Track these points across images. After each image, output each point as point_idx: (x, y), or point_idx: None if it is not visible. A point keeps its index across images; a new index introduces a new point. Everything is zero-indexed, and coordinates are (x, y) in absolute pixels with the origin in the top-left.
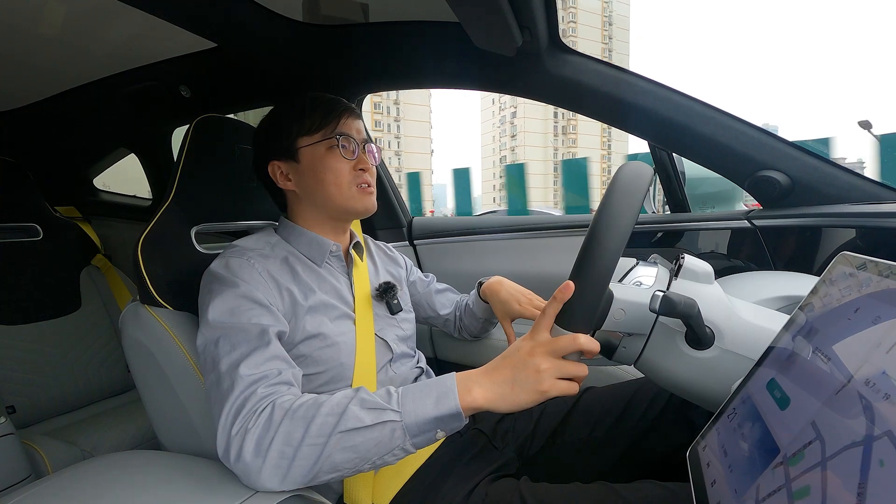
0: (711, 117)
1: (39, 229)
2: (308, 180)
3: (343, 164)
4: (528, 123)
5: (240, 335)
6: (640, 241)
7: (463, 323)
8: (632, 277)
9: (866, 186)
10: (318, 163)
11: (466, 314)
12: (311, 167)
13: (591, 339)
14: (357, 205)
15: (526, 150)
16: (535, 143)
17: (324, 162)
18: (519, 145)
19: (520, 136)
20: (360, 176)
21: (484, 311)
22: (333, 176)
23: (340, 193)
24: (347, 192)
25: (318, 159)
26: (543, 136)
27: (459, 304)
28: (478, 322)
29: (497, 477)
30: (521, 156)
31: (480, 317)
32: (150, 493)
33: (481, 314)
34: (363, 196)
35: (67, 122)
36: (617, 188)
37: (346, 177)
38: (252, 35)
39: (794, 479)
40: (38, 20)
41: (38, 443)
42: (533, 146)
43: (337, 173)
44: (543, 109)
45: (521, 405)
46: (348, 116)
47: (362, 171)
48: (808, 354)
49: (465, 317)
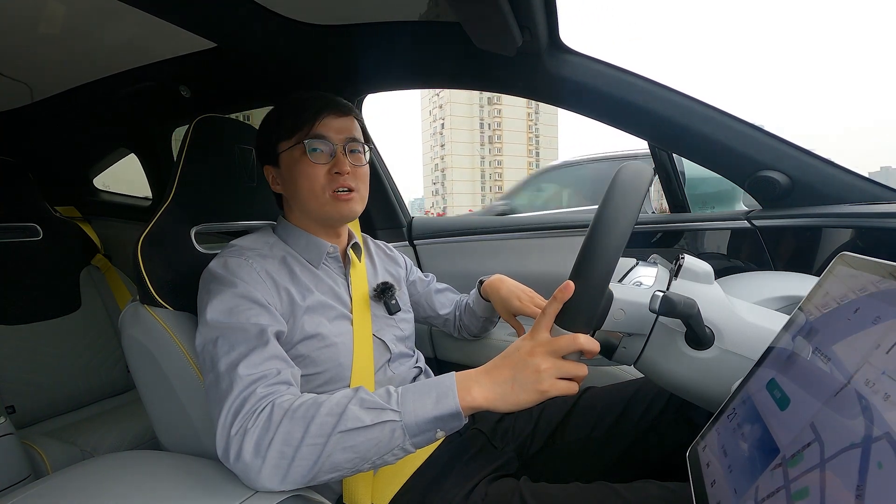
0: (711, 117)
1: (39, 229)
2: (288, 186)
3: (315, 168)
4: (455, 134)
5: (238, 335)
6: (640, 241)
7: (463, 322)
8: (632, 277)
9: (866, 186)
10: (294, 168)
11: (467, 313)
12: (288, 172)
13: (590, 340)
14: (332, 212)
15: (454, 158)
16: (463, 152)
17: (297, 167)
18: (448, 154)
19: (448, 145)
20: (336, 180)
21: (484, 310)
22: (307, 182)
23: (315, 200)
24: (321, 198)
25: (293, 164)
26: (471, 146)
27: (459, 303)
28: (478, 321)
29: (497, 477)
30: (450, 164)
31: (481, 315)
32: (150, 493)
33: (482, 313)
34: (337, 203)
35: (67, 122)
36: (617, 188)
37: (319, 182)
38: (252, 35)
39: (793, 481)
40: (38, 20)
41: (38, 443)
42: (460, 155)
43: (311, 179)
44: (470, 121)
45: (521, 405)
46: (327, 116)
47: (338, 174)
48: (807, 355)
49: (466, 316)
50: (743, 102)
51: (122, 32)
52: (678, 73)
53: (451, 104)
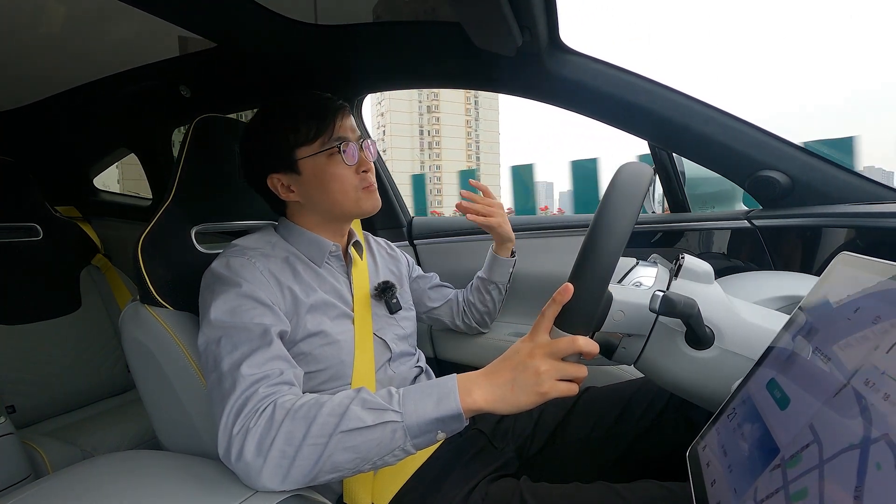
0: (711, 117)
1: (39, 229)
2: (312, 191)
3: (346, 170)
4: (395, 140)
5: (242, 335)
6: (640, 241)
7: (469, 302)
8: (632, 278)
9: (866, 186)
10: (321, 172)
11: (473, 291)
12: (314, 177)
13: (589, 341)
14: (366, 206)
15: (395, 163)
16: (404, 157)
17: (327, 171)
18: (389, 159)
19: (389, 151)
20: (365, 178)
21: (492, 271)
22: (339, 184)
23: (347, 199)
24: (354, 196)
25: (320, 169)
26: (411, 151)
27: (460, 291)
28: (484, 293)
29: (497, 477)
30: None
31: (488, 278)
32: (150, 493)
33: (488, 275)
34: (370, 196)
35: (67, 122)
36: (616, 189)
37: (350, 182)
38: (252, 35)
39: (791, 482)
40: (38, 20)
41: (38, 443)
42: (401, 160)
43: (342, 181)
44: (410, 128)
45: (522, 407)
46: (342, 117)
47: (365, 172)
48: (807, 354)
49: (473, 293)
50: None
51: (122, 32)
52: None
53: (391, 112)
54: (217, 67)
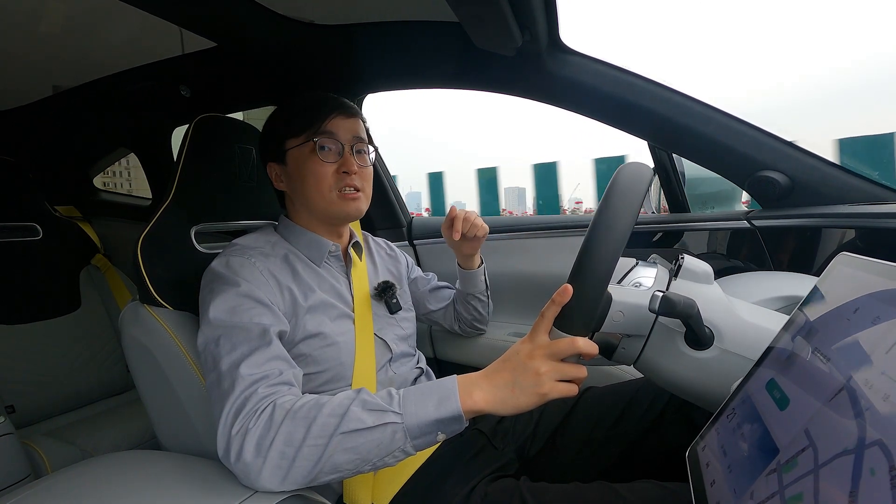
0: (711, 117)
1: (39, 229)
2: (294, 183)
3: (324, 167)
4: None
5: (241, 334)
6: (640, 241)
7: (457, 310)
8: (631, 278)
9: (866, 187)
10: (302, 165)
11: (458, 299)
12: (295, 170)
13: (588, 342)
14: (338, 210)
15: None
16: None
17: (306, 165)
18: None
19: None
20: (343, 179)
21: (465, 284)
22: (314, 180)
23: (322, 198)
24: (328, 196)
25: (301, 162)
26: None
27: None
28: (466, 304)
29: (496, 477)
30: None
31: (464, 290)
32: (150, 493)
33: (463, 288)
34: (344, 202)
35: (67, 121)
36: (616, 189)
37: (327, 181)
38: (252, 35)
39: (787, 486)
40: (38, 19)
41: (37, 443)
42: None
43: (318, 177)
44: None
45: (522, 408)
46: (337, 116)
47: (346, 174)
48: (807, 355)
49: (458, 303)
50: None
51: (122, 32)
52: (678, 73)
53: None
54: (217, 67)
